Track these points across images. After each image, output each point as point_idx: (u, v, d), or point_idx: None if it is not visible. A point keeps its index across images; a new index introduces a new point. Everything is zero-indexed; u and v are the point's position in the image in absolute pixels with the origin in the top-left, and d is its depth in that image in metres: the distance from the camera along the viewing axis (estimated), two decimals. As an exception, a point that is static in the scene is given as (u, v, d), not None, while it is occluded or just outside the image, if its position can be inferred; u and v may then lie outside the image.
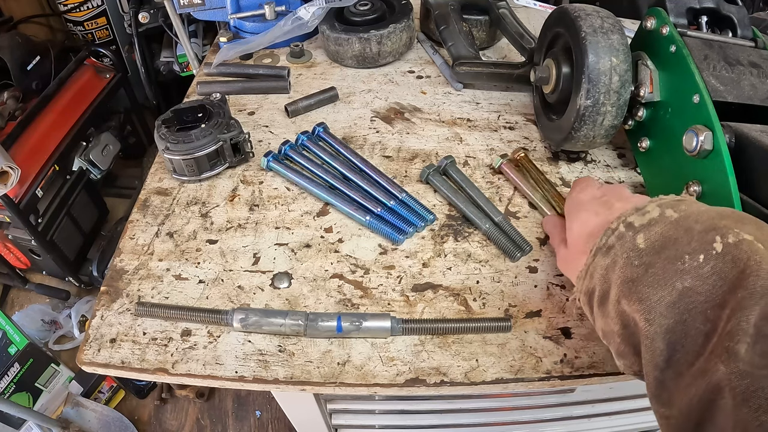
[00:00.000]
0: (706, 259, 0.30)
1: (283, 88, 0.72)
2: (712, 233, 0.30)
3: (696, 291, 0.29)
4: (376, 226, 0.52)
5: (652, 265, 0.32)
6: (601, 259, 0.36)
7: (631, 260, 0.33)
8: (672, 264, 0.31)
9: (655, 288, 0.31)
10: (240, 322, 0.44)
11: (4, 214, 1.17)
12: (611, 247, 0.35)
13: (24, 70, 1.25)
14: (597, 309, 0.36)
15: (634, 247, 0.33)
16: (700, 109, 0.44)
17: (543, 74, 0.59)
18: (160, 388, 1.38)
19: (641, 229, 0.34)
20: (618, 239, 0.35)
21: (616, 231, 0.35)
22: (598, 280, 0.36)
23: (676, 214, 0.33)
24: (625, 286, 0.33)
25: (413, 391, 0.42)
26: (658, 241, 0.32)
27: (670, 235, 0.32)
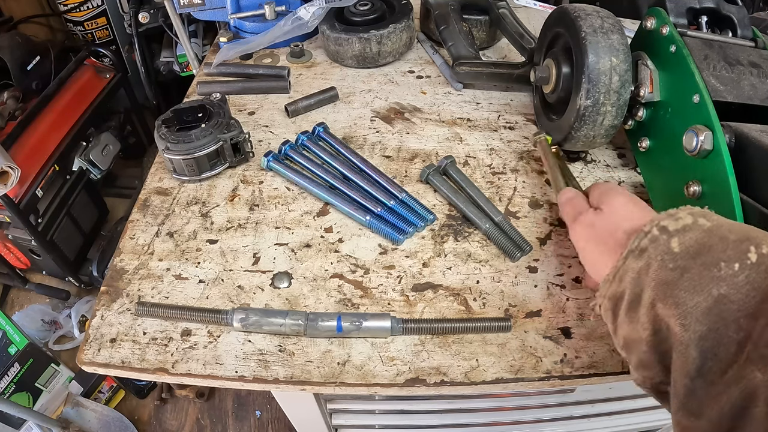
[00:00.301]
0: (741, 268, 0.30)
1: (283, 88, 0.72)
2: (747, 243, 0.31)
3: (730, 299, 0.29)
4: (376, 226, 0.52)
5: (687, 270, 0.31)
6: (634, 261, 0.35)
7: (665, 263, 0.32)
8: (708, 270, 0.31)
9: (691, 293, 0.31)
10: (240, 322, 0.44)
11: (4, 214, 1.17)
12: (644, 249, 0.34)
13: (24, 70, 1.25)
14: (624, 315, 0.35)
15: (669, 251, 0.33)
16: (700, 109, 0.44)
17: (543, 74, 0.59)
18: (160, 388, 1.38)
19: (675, 234, 0.33)
20: (651, 242, 0.34)
21: (650, 234, 0.34)
22: (629, 283, 0.35)
23: (708, 222, 0.33)
24: (661, 289, 0.32)
25: (413, 390, 0.42)
26: (693, 246, 0.32)
27: (705, 242, 0.32)
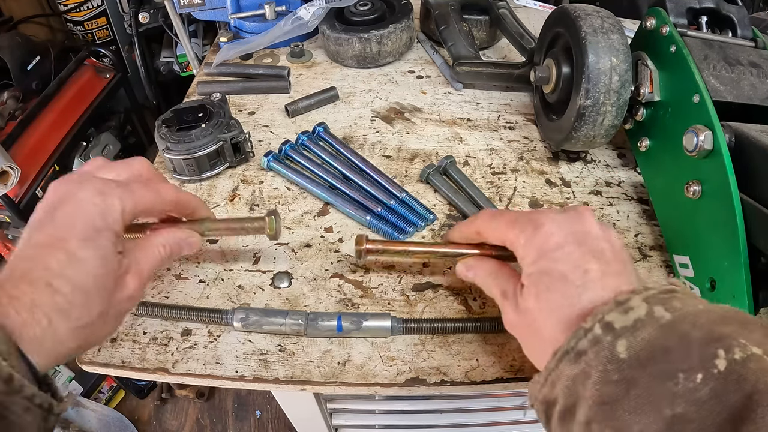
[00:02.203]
0: (705, 380, 0.24)
1: (284, 88, 0.72)
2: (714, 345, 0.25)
3: (688, 418, 0.23)
4: (377, 225, 0.52)
5: (635, 384, 0.25)
6: (568, 367, 0.28)
7: (608, 374, 0.26)
8: (661, 383, 0.25)
9: (637, 414, 0.25)
10: (240, 322, 0.44)
11: (4, 214, 1.17)
12: (582, 353, 0.28)
13: (24, 70, 1.25)
14: (557, 423, 0.29)
15: (613, 358, 0.26)
16: (700, 109, 0.44)
17: (543, 74, 0.59)
18: (160, 388, 1.39)
19: (623, 333, 0.27)
20: (592, 344, 0.27)
21: (590, 333, 0.28)
22: (561, 391, 0.29)
23: (668, 314, 0.27)
24: (600, 409, 0.26)
25: (413, 390, 0.42)
26: (644, 350, 0.26)
27: (661, 344, 0.26)
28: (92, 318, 0.31)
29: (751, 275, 0.40)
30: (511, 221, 0.36)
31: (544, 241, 0.33)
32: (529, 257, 0.34)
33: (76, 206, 0.32)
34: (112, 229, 0.33)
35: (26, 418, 0.27)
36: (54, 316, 0.29)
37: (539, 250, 0.33)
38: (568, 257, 0.32)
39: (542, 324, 0.32)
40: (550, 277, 0.32)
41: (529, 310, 0.33)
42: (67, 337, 0.30)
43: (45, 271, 0.30)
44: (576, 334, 0.29)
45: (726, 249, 0.41)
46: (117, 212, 0.33)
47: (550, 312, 0.31)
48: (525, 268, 0.34)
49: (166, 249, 0.38)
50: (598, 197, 0.57)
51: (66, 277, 0.30)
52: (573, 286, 0.31)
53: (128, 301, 0.35)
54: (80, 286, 0.30)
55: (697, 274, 0.45)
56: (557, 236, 0.33)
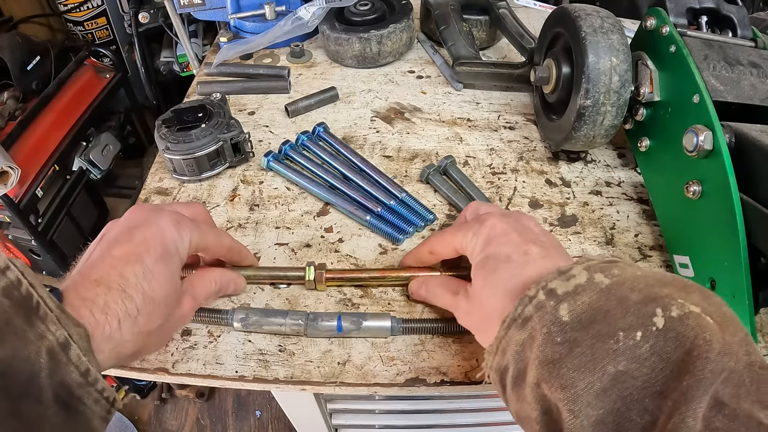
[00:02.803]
0: (645, 337, 0.25)
1: (283, 88, 0.72)
2: (652, 305, 0.26)
3: (632, 375, 0.24)
4: (377, 225, 0.52)
5: (578, 344, 0.26)
6: (516, 332, 0.30)
7: (552, 336, 0.28)
8: (603, 342, 0.26)
9: (581, 372, 0.26)
10: (240, 322, 0.44)
11: (4, 214, 1.17)
12: (528, 318, 0.29)
13: (24, 70, 1.25)
14: (511, 390, 0.31)
15: (556, 320, 0.28)
16: (700, 109, 0.44)
17: (543, 74, 0.59)
18: (160, 388, 1.39)
19: (565, 298, 0.28)
20: (536, 309, 0.29)
21: (535, 299, 0.29)
22: (511, 357, 0.30)
23: (607, 279, 0.28)
24: (545, 369, 0.27)
25: (413, 390, 0.42)
26: (585, 312, 0.27)
27: (600, 306, 0.27)
28: (153, 328, 0.35)
29: (751, 275, 0.40)
30: (457, 227, 0.41)
31: (489, 231, 0.37)
32: (478, 247, 0.37)
33: (155, 231, 0.36)
34: (180, 256, 0.37)
35: (95, 409, 0.30)
36: (123, 320, 0.32)
37: (485, 238, 0.37)
38: (511, 242, 0.35)
39: (489, 300, 0.34)
40: (496, 260, 0.35)
41: (477, 292, 0.36)
42: (129, 342, 0.33)
43: (121, 279, 0.33)
44: (522, 301, 0.30)
45: (726, 249, 0.41)
46: (187, 242, 0.38)
47: (496, 288, 0.34)
48: (473, 259, 0.38)
49: (217, 284, 0.43)
50: (598, 197, 0.57)
51: (139, 287, 0.33)
52: (516, 264, 0.34)
53: (181, 319, 0.39)
54: (150, 297, 0.34)
55: (697, 274, 0.45)
56: (500, 227, 0.37)
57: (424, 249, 0.44)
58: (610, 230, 0.53)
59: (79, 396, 0.29)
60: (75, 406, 0.29)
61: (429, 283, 0.44)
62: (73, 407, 0.29)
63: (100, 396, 0.30)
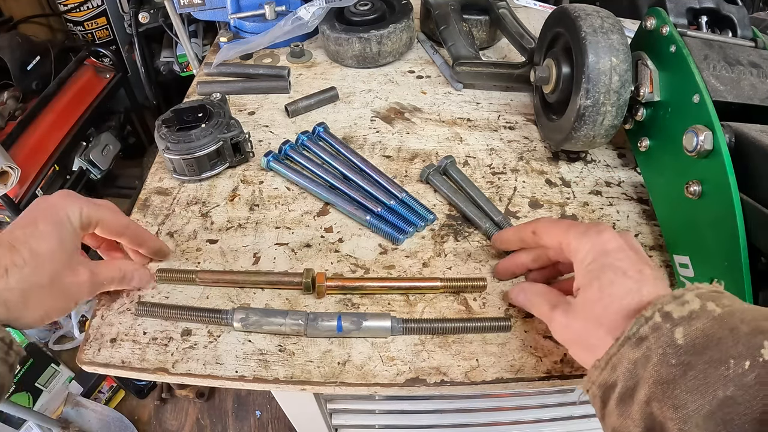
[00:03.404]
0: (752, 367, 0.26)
1: (283, 88, 0.72)
2: (760, 337, 0.27)
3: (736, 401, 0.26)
4: (377, 225, 0.52)
5: (692, 367, 0.28)
6: (630, 351, 0.31)
7: (667, 358, 0.29)
8: (715, 368, 0.27)
9: (694, 394, 0.27)
10: (240, 322, 0.44)
11: (4, 214, 1.17)
12: (644, 338, 0.31)
13: (24, 70, 1.25)
14: (614, 407, 0.32)
15: (672, 343, 0.29)
16: (700, 109, 0.44)
17: (543, 74, 0.59)
18: (160, 388, 1.39)
19: (680, 322, 0.30)
20: (653, 330, 0.30)
21: (651, 320, 0.31)
22: (622, 374, 0.31)
23: (718, 309, 0.30)
24: (659, 388, 0.29)
25: (413, 390, 0.42)
26: (699, 338, 0.29)
27: (713, 334, 0.29)
28: (40, 281, 0.38)
29: (751, 275, 0.40)
30: (571, 224, 0.40)
31: (606, 242, 0.37)
32: (591, 255, 0.37)
33: (49, 203, 0.41)
34: (72, 223, 0.41)
35: None
36: (10, 269, 0.36)
37: (602, 249, 0.37)
38: (628, 259, 0.36)
39: (603, 313, 0.34)
40: (614, 272, 0.35)
41: (589, 301, 0.36)
42: (16, 289, 0.36)
43: (11, 237, 0.38)
44: (638, 320, 0.31)
45: (726, 249, 0.41)
46: (77, 210, 0.42)
47: (612, 302, 0.34)
48: (585, 265, 0.37)
49: (120, 271, 0.45)
50: (598, 197, 0.57)
51: (27, 244, 0.38)
52: (633, 281, 0.34)
53: (76, 286, 0.41)
54: (36, 251, 0.38)
55: (697, 274, 0.45)
56: (616, 241, 0.37)
57: (528, 228, 0.44)
58: (610, 230, 0.53)
59: None
60: None
61: (528, 290, 0.44)
62: None
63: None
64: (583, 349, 0.36)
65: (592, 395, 0.34)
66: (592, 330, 0.35)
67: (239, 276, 0.48)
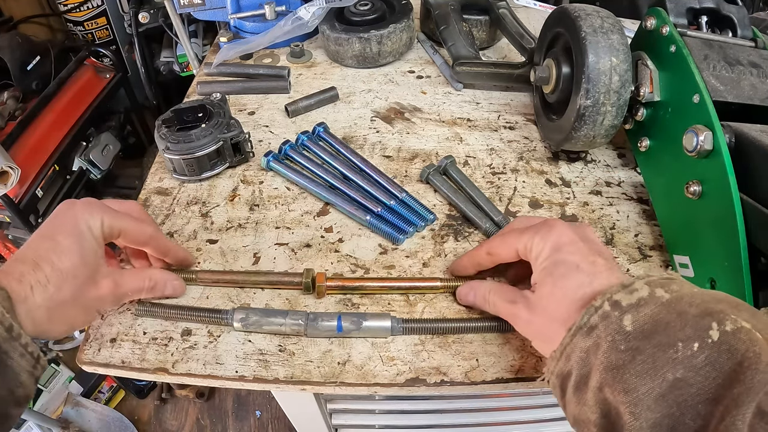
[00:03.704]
0: (701, 348, 0.27)
1: (283, 88, 0.72)
2: (708, 319, 0.28)
3: (688, 383, 0.27)
4: (377, 225, 0.52)
5: (640, 352, 0.29)
6: (581, 340, 0.32)
7: (616, 344, 0.30)
8: (663, 352, 0.28)
9: (643, 378, 0.28)
10: (240, 322, 0.44)
11: (4, 214, 1.17)
12: (594, 327, 0.31)
13: (24, 70, 1.25)
14: (572, 395, 0.33)
15: (621, 330, 0.30)
16: (700, 109, 0.44)
17: (543, 74, 0.59)
18: (160, 388, 1.39)
19: (629, 310, 0.30)
20: (602, 319, 0.31)
21: (600, 309, 0.31)
22: (575, 363, 0.32)
23: (667, 294, 0.30)
24: (609, 374, 0.30)
25: (413, 390, 0.42)
26: (647, 324, 0.30)
27: (661, 318, 0.29)
28: (64, 297, 0.37)
29: (751, 275, 0.40)
30: (521, 230, 0.41)
31: (558, 238, 0.38)
32: (545, 252, 0.38)
33: (69, 215, 0.41)
34: (93, 234, 0.40)
35: (21, 363, 0.34)
36: (35, 286, 0.36)
37: (554, 244, 0.37)
38: (579, 251, 0.36)
39: (557, 307, 0.35)
40: (566, 266, 0.36)
41: (544, 297, 0.37)
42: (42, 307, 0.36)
43: (34, 254, 0.37)
44: (588, 310, 0.32)
45: (726, 249, 0.41)
46: (98, 221, 0.41)
47: (564, 295, 0.35)
48: (539, 263, 0.38)
49: (151, 281, 0.45)
50: (598, 197, 0.57)
51: (49, 260, 0.37)
52: (585, 274, 0.35)
53: (97, 299, 0.41)
54: (58, 268, 0.37)
55: (697, 274, 0.45)
56: (568, 235, 0.38)
57: (481, 251, 0.44)
58: (610, 230, 0.53)
59: (5, 350, 0.32)
60: (3, 360, 0.32)
61: (479, 288, 0.44)
62: (1, 361, 0.32)
63: (25, 351, 0.34)
64: (543, 342, 0.37)
65: (552, 385, 0.35)
66: (549, 324, 0.36)
67: (239, 276, 0.48)
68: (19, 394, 0.34)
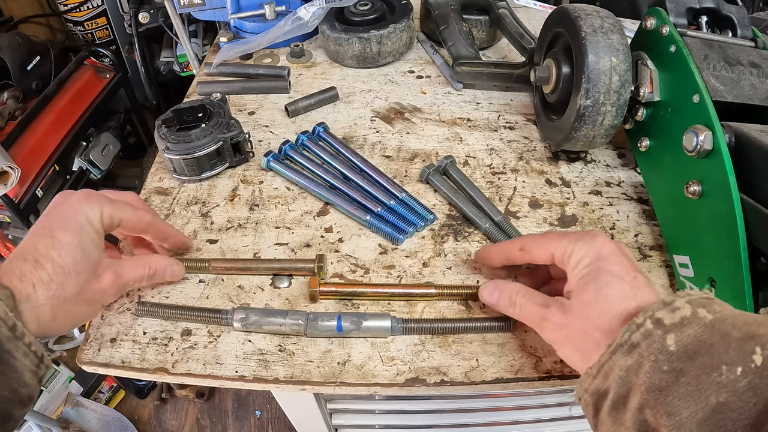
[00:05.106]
0: (744, 373, 0.27)
1: (283, 88, 0.72)
2: (752, 342, 0.27)
3: (729, 407, 0.26)
4: (377, 225, 0.52)
5: (684, 373, 0.28)
6: (622, 358, 0.31)
7: (659, 364, 0.29)
8: (707, 374, 0.27)
9: (687, 401, 0.27)
10: (240, 322, 0.44)
11: (4, 214, 1.17)
12: (635, 345, 0.31)
13: (24, 70, 1.25)
14: (607, 414, 0.32)
15: (664, 350, 0.29)
16: (700, 109, 0.44)
17: (543, 74, 0.59)
18: (160, 388, 1.39)
19: (672, 329, 0.30)
20: (644, 337, 0.30)
21: (642, 327, 0.31)
22: (614, 381, 0.31)
23: (710, 315, 0.30)
24: (652, 395, 0.29)
25: (413, 390, 0.42)
26: (691, 344, 0.29)
27: (705, 340, 0.29)
28: (67, 294, 0.37)
29: (751, 275, 0.40)
30: (561, 234, 0.40)
31: (601, 247, 0.37)
32: (587, 259, 0.37)
33: (66, 207, 0.40)
34: (93, 226, 0.40)
35: (25, 362, 0.34)
36: (38, 285, 0.36)
37: (598, 253, 0.37)
38: (622, 263, 0.36)
39: (599, 315, 0.34)
40: (611, 276, 0.35)
41: (585, 303, 0.36)
42: (45, 305, 0.36)
43: (34, 252, 0.37)
44: (629, 327, 0.31)
45: (726, 249, 0.41)
46: (97, 212, 0.40)
47: (608, 304, 0.34)
48: (579, 269, 0.37)
49: (150, 268, 0.44)
50: (598, 197, 0.57)
51: (50, 257, 0.37)
52: (629, 286, 0.35)
53: (100, 293, 0.40)
54: (59, 265, 0.37)
55: (697, 274, 0.45)
56: (611, 246, 0.37)
57: (515, 244, 0.43)
58: (610, 230, 0.53)
59: (9, 349, 0.32)
60: (6, 359, 0.32)
61: (505, 288, 0.42)
62: (5, 360, 0.32)
63: (29, 350, 0.34)
64: (575, 349, 0.36)
65: (585, 403, 0.34)
66: (589, 331, 0.35)
67: (251, 263, 0.49)
68: (23, 393, 0.34)
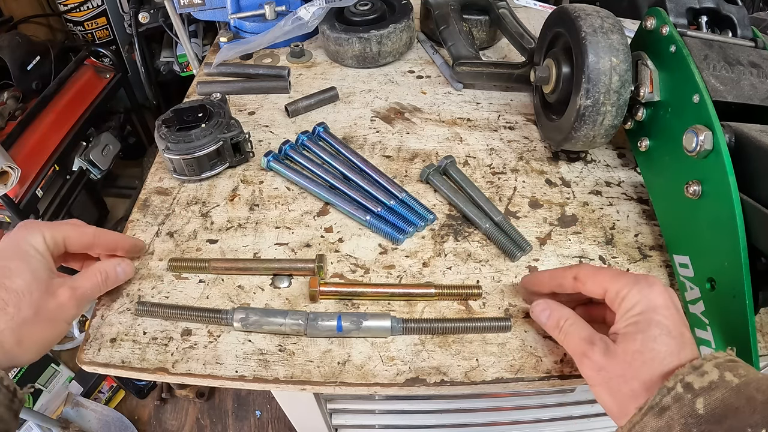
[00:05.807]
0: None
1: (284, 88, 0.72)
2: None
3: None
4: (377, 225, 0.52)
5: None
6: (653, 420, 0.32)
7: (689, 427, 0.30)
8: None
9: None
10: (240, 322, 0.44)
11: (4, 214, 1.17)
12: (666, 408, 0.32)
13: (24, 70, 1.25)
14: None
15: (693, 413, 0.31)
16: (700, 109, 0.44)
17: (543, 74, 0.59)
18: (160, 388, 1.39)
19: (701, 393, 0.31)
20: (675, 401, 0.32)
21: (673, 391, 0.32)
22: None
23: (736, 379, 0.31)
24: None
25: (413, 390, 0.42)
26: (718, 408, 0.30)
27: (731, 403, 0.30)
28: (25, 315, 0.38)
29: (751, 275, 0.40)
30: (618, 273, 0.40)
31: (656, 297, 0.37)
32: (639, 307, 0.37)
33: (10, 240, 0.42)
34: (39, 251, 0.42)
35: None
36: None
37: (651, 303, 0.37)
38: (672, 318, 0.36)
39: (642, 367, 0.35)
40: (660, 329, 0.35)
41: (630, 352, 0.36)
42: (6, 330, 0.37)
43: None
44: (660, 391, 0.32)
45: (726, 249, 0.41)
46: (39, 237, 0.42)
47: (653, 358, 0.35)
48: (629, 315, 0.37)
49: (102, 273, 0.45)
50: (598, 197, 0.57)
51: (2, 285, 0.38)
52: (675, 342, 0.35)
53: (59, 309, 0.41)
54: (12, 289, 0.39)
55: (697, 274, 0.45)
56: (665, 298, 0.37)
57: (569, 272, 0.42)
58: (610, 230, 0.54)
59: None
60: None
61: (557, 311, 0.42)
62: None
63: (0, 385, 0.35)
64: (610, 394, 0.36)
65: None
66: (629, 380, 0.35)
67: (251, 263, 0.49)
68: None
